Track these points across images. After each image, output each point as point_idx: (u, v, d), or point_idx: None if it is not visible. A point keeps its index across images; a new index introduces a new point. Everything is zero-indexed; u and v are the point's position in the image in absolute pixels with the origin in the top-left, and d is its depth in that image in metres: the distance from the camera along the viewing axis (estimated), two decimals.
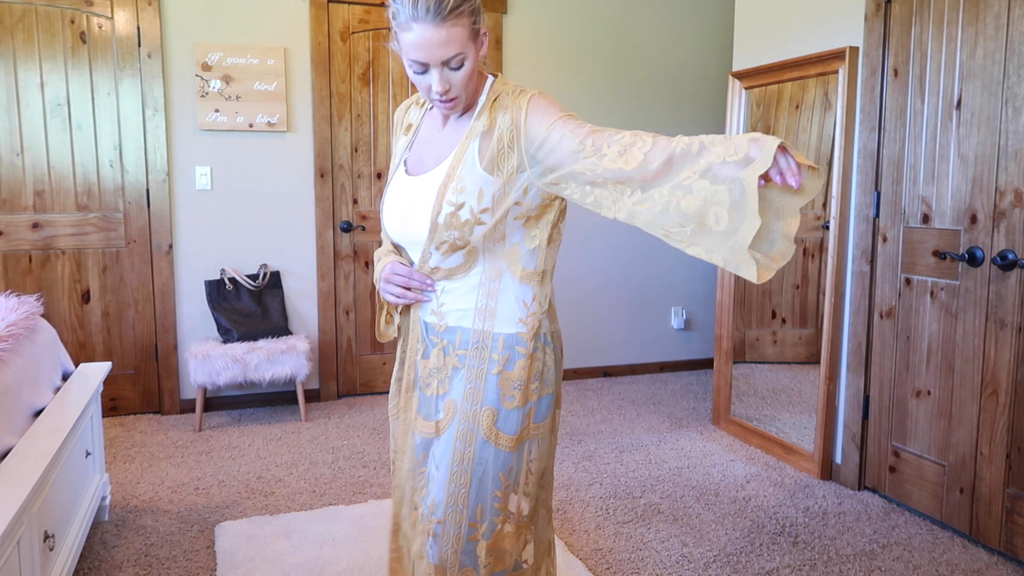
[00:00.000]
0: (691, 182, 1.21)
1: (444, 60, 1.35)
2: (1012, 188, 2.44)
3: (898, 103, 2.85)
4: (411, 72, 1.41)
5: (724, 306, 3.78)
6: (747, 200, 1.15)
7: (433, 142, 1.54)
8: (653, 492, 3.04)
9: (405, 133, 1.61)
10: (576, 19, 4.52)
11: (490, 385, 1.48)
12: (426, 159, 1.53)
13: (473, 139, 1.45)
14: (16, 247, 3.73)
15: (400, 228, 1.53)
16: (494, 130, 1.43)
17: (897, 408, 2.91)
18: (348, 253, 4.24)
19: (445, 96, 1.40)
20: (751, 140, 1.17)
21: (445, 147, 1.50)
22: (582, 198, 1.37)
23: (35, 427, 2.15)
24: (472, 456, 1.48)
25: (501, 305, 1.48)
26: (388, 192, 1.58)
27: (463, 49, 1.36)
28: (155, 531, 2.68)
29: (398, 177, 1.56)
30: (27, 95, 3.67)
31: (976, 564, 2.48)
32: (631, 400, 4.30)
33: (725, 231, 1.18)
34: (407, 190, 1.52)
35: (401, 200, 1.53)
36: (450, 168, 1.45)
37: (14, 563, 1.66)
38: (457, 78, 1.39)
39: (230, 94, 3.91)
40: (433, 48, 1.33)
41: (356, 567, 2.42)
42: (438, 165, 1.49)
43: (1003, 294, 2.49)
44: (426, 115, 1.59)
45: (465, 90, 1.42)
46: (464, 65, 1.38)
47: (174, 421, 3.88)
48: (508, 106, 1.44)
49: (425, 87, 1.41)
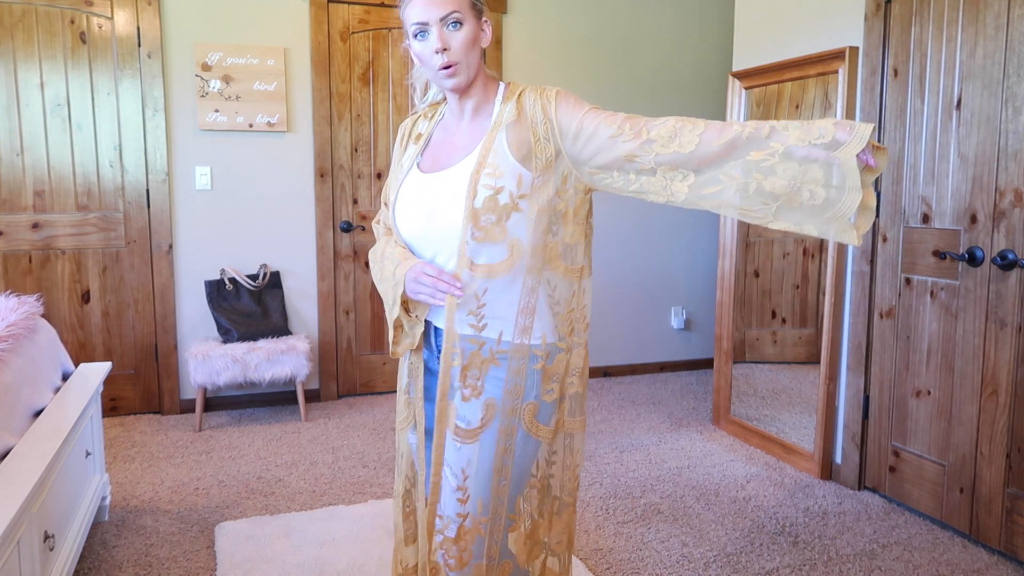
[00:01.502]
0: (772, 163, 1.29)
1: (441, 17, 1.43)
2: (1012, 188, 2.44)
3: (898, 103, 2.85)
4: (414, 44, 1.48)
5: (724, 306, 3.78)
6: (847, 176, 1.26)
7: (449, 144, 1.56)
8: (653, 492, 3.04)
9: (415, 142, 1.63)
10: (576, 19, 4.52)
11: (532, 381, 1.50)
12: (442, 159, 1.55)
13: (500, 130, 1.48)
14: (16, 247, 3.73)
15: (422, 224, 1.51)
16: (524, 121, 1.47)
17: (897, 408, 2.91)
18: (348, 253, 4.24)
19: (445, 60, 1.44)
20: (835, 124, 1.27)
21: (466, 144, 1.53)
22: (624, 186, 1.41)
23: (35, 427, 2.15)
24: (513, 450, 1.51)
25: (542, 302, 1.49)
26: (401, 193, 1.56)
27: (459, 8, 1.44)
28: (155, 531, 2.68)
29: (412, 177, 1.56)
30: (27, 95, 3.67)
31: (976, 564, 2.48)
32: (631, 400, 4.30)
33: (822, 205, 1.28)
34: (428, 186, 1.53)
35: (421, 196, 1.53)
36: (480, 157, 1.47)
37: (14, 563, 1.67)
38: (456, 40, 1.44)
39: (230, 94, 3.91)
40: (431, 6, 1.43)
41: (356, 567, 2.42)
42: (464, 159, 1.50)
43: (1003, 294, 2.49)
44: (436, 126, 1.62)
45: (465, 59, 1.46)
46: (462, 27, 1.45)
47: (174, 421, 3.88)
48: (535, 99, 1.48)
49: (428, 52, 1.46)
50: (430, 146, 1.60)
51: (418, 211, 1.52)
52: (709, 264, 4.90)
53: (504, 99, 1.52)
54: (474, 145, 1.51)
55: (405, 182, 1.57)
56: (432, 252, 1.52)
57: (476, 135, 1.52)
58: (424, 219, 1.51)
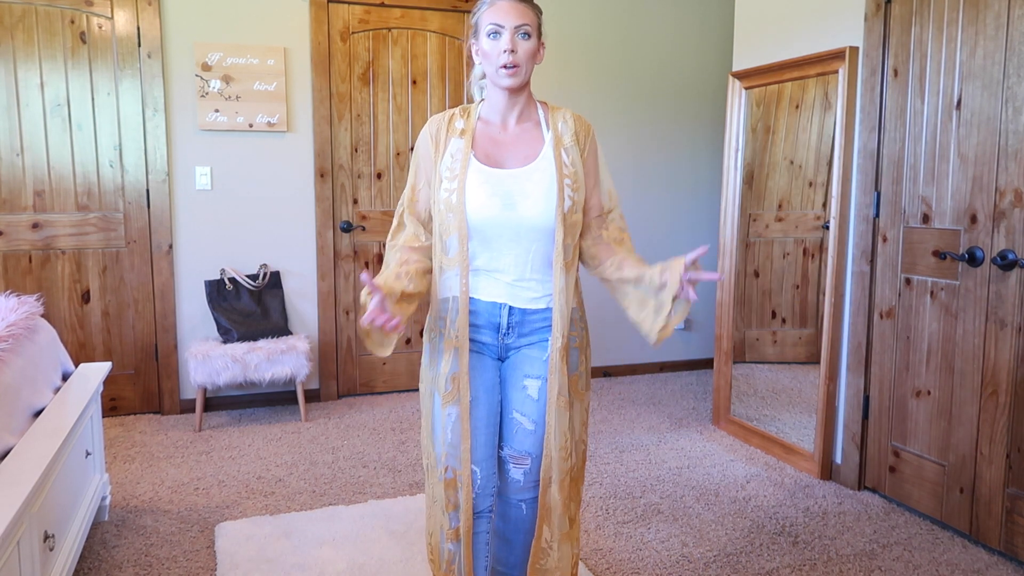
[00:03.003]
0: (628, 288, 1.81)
1: (516, 25, 1.71)
2: (1012, 188, 2.44)
3: (898, 103, 2.85)
4: (484, 42, 1.74)
5: (724, 306, 3.78)
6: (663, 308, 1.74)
7: (499, 143, 1.82)
8: (653, 492, 3.04)
9: (459, 136, 1.81)
10: (577, 19, 4.52)
11: (577, 355, 1.85)
12: (497, 155, 1.80)
13: (563, 144, 1.81)
14: (16, 247, 3.73)
15: (502, 213, 1.75)
16: (562, 138, 1.82)
17: (897, 408, 2.91)
18: (348, 253, 4.24)
19: (511, 59, 1.71)
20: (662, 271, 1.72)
21: (523, 148, 1.81)
22: None
23: (35, 427, 2.15)
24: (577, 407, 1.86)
25: (571, 285, 1.81)
26: (470, 182, 1.76)
27: (531, 23, 1.73)
28: (155, 531, 2.68)
29: (478, 169, 1.77)
30: (27, 95, 3.67)
31: (976, 564, 2.49)
32: (631, 400, 4.30)
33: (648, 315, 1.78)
34: (504, 180, 1.76)
35: (497, 188, 1.76)
36: (556, 164, 1.78)
37: (14, 563, 1.67)
38: (522, 47, 1.72)
39: (230, 94, 3.91)
40: (510, 14, 1.72)
41: (356, 567, 2.42)
42: (534, 161, 1.79)
43: (1003, 294, 2.49)
44: (477, 122, 1.84)
45: (525, 65, 1.74)
46: (530, 39, 1.73)
47: (174, 421, 3.88)
48: (568, 119, 1.84)
49: (496, 51, 1.72)
50: (476, 140, 1.81)
51: (496, 201, 1.75)
52: (709, 264, 4.90)
53: (551, 114, 1.84)
54: (535, 151, 1.80)
55: (471, 172, 1.77)
56: (510, 237, 1.77)
57: (533, 141, 1.81)
58: (503, 209, 1.75)
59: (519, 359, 1.83)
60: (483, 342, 1.83)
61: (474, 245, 1.77)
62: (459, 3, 4.27)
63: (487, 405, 1.82)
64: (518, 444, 1.83)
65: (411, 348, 4.42)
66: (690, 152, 4.86)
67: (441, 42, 4.29)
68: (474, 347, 1.82)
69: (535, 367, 1.81)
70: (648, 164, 4.77)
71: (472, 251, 1.78)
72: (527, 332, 1.81)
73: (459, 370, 1.78)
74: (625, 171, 4.70)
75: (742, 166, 3.68)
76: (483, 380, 1.82)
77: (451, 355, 1.79)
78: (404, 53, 4.23)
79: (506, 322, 1.80)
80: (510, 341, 1.82)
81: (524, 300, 1.79)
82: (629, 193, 4.72)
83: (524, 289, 1.79)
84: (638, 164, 4.74)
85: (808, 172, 3.63)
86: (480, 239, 1.77)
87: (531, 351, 1.82)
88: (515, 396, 1.83)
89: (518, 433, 1.83)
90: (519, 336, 1.82)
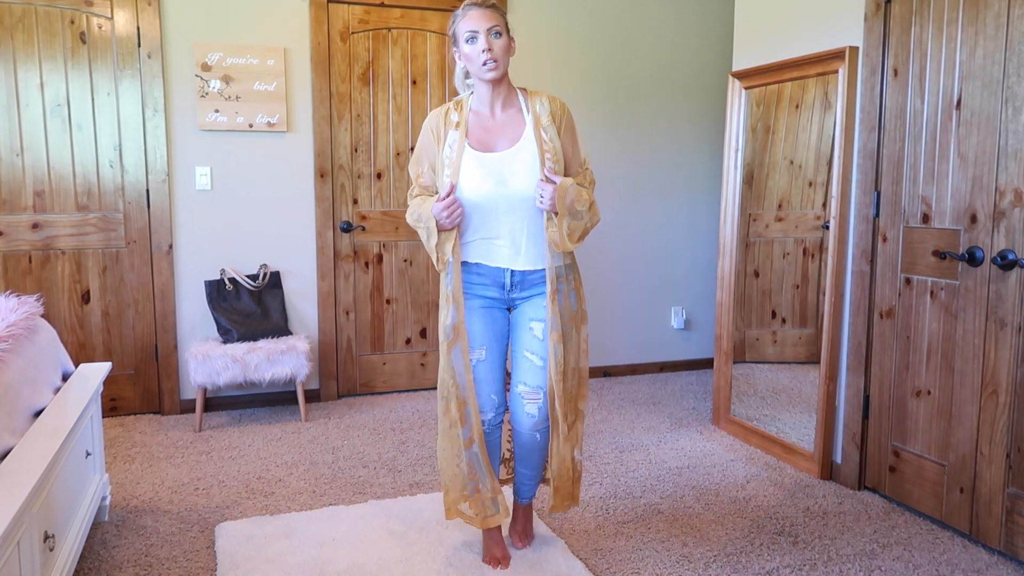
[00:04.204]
0: None
1: (488, 27, 2.09)
2: (1012, 188, 2.44)
3: (898, 103, 2.85)
4: (464, 47, 2.12)
5: (724, 306, 3.78)
6: None
7: (488, 129, 2.20)
8: (653, 492, 3.04)
9: (454, 128, 2.19)
10: (576, 18, 4.52)
11: (573, 296, 2.29)
12: (488, 140, 2.18)
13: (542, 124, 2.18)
14: (16, 247, 3.73)
15: (496, 190, 2.14)
16: (540, 119, 2.19)
17: (897, 408, 2.91)
18: (348, 253, 4.24)
19: (490, 55, 2.08)
20: None
21: (509, 132, 2.19)
22: None
23: (35, 427, 2.15)
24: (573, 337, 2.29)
25: None
26: (465, 167, 2.14)
27: (500, 24, 2.11)
28: (155, 531, 2.68)
29: (471, 155, 2.15)
30: (27, 95, 3.67)
31: (976, 564, 2.48)
32: (631, 400, 4.30)
33: None
34: (495, 162, 2.15)
35: (490, 169, 2.14)
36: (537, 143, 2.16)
37: (14, 563, 1.67)
38: (497, 45, 2.10)
39: (230, 94, 3.91)
40: (481, 20, 2.10)
41: (356, 567, 2.42)
42: (518, 143, 2.17)
43: (1003, 294, 2.49)
44: (469, 113, 2.21)
45: (502, 59, 2.11)
46: (501, 36, 2.11)
47: (174, 421, 3.88)
48: (544, 101, 2.21)
49: (476, 52, 2.10)
50: (470, 130, 2.19)
51: (490, 180, 2.13)
52: (709, 264, 4.90)
53: (529, 99, 2.20)
54: (519, 133, 2.18)
55: (465, 159, 2.15)
56: (504, 210, 2.16)
57: (516, 124, 2.19)
58: (496, 187, 2.14)
59: (526, 306, 2.28)
60: (492, 297, 2.27)
61: (475, 220, 2.18)
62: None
63: (496, 351, 2.29)
64: (531, 379, 2.27)
65: (411, 348, 4.42)
66: (690, 152, 4.85)
67: (441, 42, 4.29)
68: (484, 303, 2.27)
69: (538, 311, 2.25)
70: (648, 164, 4.76)
71: (473, 225, 2.19)
72: (528, 287, 2.26)
73: (458, 320, 2.23)
74: (625, 171, 4.70)
75: (742, 166, 3.68)
76: (493, 330, 2.28)
77: (451, 309, 2.22)
78: (404, 53, 4.23)
79: (509, 282, 2.25)
80: (515, 295, 2.27)
81: (522, 263, 2.22)
82: (629, 193, 4.72)
83: (521, 255, 2.21)
84: (638, 164, 4.74)
85: (808, 172, 3.62)
86: (480, 214, 2.17)
87: (535, 300, 2.26)
88: (524, 337, 2.28)
89: (530, 370, 2.27)
90: (522, 290, 2.26)
